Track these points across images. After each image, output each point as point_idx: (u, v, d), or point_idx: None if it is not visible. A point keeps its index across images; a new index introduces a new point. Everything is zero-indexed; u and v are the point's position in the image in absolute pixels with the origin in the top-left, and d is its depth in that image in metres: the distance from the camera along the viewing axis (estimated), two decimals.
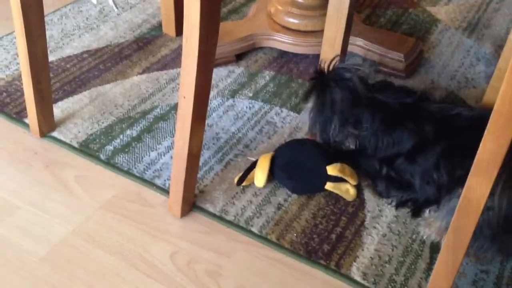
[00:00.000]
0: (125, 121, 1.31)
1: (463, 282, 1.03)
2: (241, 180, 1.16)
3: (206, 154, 1.24)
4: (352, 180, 1.15)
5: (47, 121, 1.26)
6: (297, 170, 1.16)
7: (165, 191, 1.15)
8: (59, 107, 1.33)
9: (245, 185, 1.17)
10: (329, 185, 1.15)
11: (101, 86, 1.41)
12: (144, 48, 1.55)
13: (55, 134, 1.26)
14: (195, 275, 1.01)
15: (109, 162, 1.21)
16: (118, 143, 1.25)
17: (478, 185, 0.78)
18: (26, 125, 1.27)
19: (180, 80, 0.96)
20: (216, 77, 1.45)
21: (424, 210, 1.12)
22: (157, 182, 1.17)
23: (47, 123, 1.26)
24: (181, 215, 1.11)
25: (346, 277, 1.02)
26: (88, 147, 1.24)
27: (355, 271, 1.03)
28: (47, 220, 1.09)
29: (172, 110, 1.35)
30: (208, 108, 1.04)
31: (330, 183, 1.15)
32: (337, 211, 1.14)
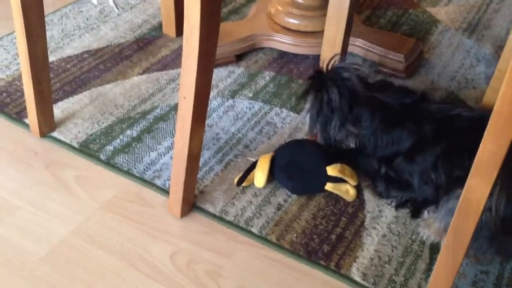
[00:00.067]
0: (125, 122, 1.31)
1: (463, 283, 1.03)
2: (241, 181, 1.16)
3: (206, 155, 1.24)
4: (352, 181, 1.15)
5: (47, 121, 1.26)
6: (297, 171, 1.16)
7: (165, 192, 1.15)
8: (59, 107, 1.33)
9: (245, 186, 1.17)
10: (329, 186, 1.15)
11: (101, 86, 1.41)
12: (145, 49, 1.55)
13: (55, 134, 1.26)
14: (195, 275, 1.01)
15: (109, 162, 1.21)
16: (118, 143, 1.25)
17: (478, 186, 0.78)
18: (26, 125, 1.27)
19: (180, 81, 0.96)
20: (216, 78, 1.45)
21: (423, 211, 1.12)
22: (157, 183, 1.17)
23: (47, 123, 1.26)
24: (181, 216, 1.11)
25: (346, 278, 1.02)
26: (88, 147, 1.24)
27: (355, 272, 1.03)
28: (47, 220, 1.09)
29: (172, 111, 1.35)
30: (208, 109, 1.04)
31: (330, 184, 1.15)
32: (337, 212, 1.14)
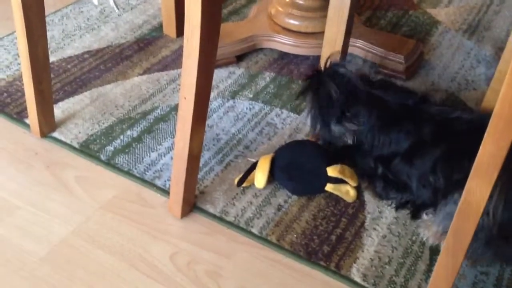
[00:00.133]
0: (126, 122, 1.31)
1: (463, 284, 1.03)
2: (241, 181, 1.16)
3: (207, 155, 1.24)
4: (352, 182, 1.15)
5: (48, 122, 1.26)
6: (297, 172, 1.16)
7: (166, 192, 1.15)
8: (60, 108, 1.33)
9: (245, 186, 1.18)
10: (329, 187, 1.15)
11: (102, 87, 1.41)
12: (145, 49, 1.55)
13: (56, 135, 1.27)
14: (195, 276, 1.01)
15: (110, 163, 1.21)
16: (119, 144, 1.25)
17: (478, 188, 0.78)
18: (27, 126, 1.27)
19: (181, 81, 0.96)
20: (217, 78, 1.46)
21: (422, 213, 1.12)
22: (158, 183, 1.17)
23: (48, 124, 1.26)
24: (181, 216, 1.11)
25: (346, 278, 1.02)
26: (89, 148, 1.24)
27: (355, 273, 1.03)
28: (47, 220, 1.09)
29: (173, 111, 1.35)
30: (209, 109, 1.04)
31: (330, 185, 1.15)
32: (337, 213, 1.14)
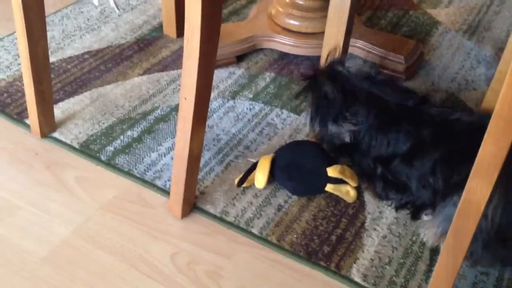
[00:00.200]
0: (126, 122, 1.31)
1: (463, 284, 1.03)
2: (242, 182, 1.16)
3: (207, 155, 1.24)
4: (353, 182, 1.15)
5: (48, 122, 1.26)
6: (298, 172, 1.16)
7: (166, 192, 1.15)
8: (60, 108, 1.33)
9: (246, 187, 1.18)
10: (330, 187, 1.15)
11: (102, 87, 1.41)
12: (145, 49, 1.55)
13: (56, 135, 1.27)
14: (195, 276, 1.01)
15: (110, 163, 1.21)
16: (119, 144, 1.25)
17: (479, 187, 0.78)
18: (27, 126, 1.27)
19: (181, 82, 0.96)
20: (217, 79, 1.46)
21: (422, 214, 1.12)
22: (158, 183, 1.17)
23: (48, 124, 1.26)
24: (182, 216, 1.11)
25: (346, 279, 1.02)
26: (89, 148, 1.24)
27: (355, 273, 1.03)
28: (48, 221, 1.09)
29: (173, 111, 1.35)
30: (209, 110, 1.04)
31: (331, 185, 1.15)
32: (338, 213, 1.14)
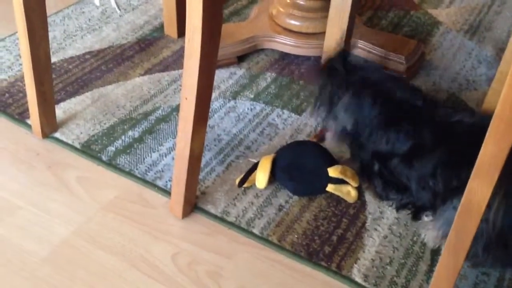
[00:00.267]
0: (127, 122, 1.31)
1: (464, 285, 1.03)
2: (243, 182, 1.16)
3: (208, 156, 1.24)
4: (353, 182, 1.15)
5: (49, 122, 1.26)
6: (298, 172, 1.16)
7: (167, 192, 1.15)
8: (61, 108, 1.33)
9: (247, 187, 1.18)
10: (330, 187, 1.15)
11: (103, 87, 1.41)
12: (146, 50, 1.55)
13: (57, 135, 1.27)
14: (196, 276, 1.01)
15: (111, 163, 1.21)
16: (120, 144, 1.25)
17: (479, 188, 0.78)
18: (29, 126, 1.27)
19: (182, 82, 0.96)
20: (218, 79, 1.46)
21: (422, 215, 1.12)
22: (159, 183, 1.17)
23: (49, 124, 1.26)
24: (183, 216, 1.11)
25: (347, 279, 1.02)
26: (90, 148, 1.24)
27: (356, 273, 1.03)
28: (49, 221, 1.09)
29: (174, 112, 1.35)
30: (210, 110, 1.04)
31: (331, 185, 1.15)
32: (338, 213, 1.14)
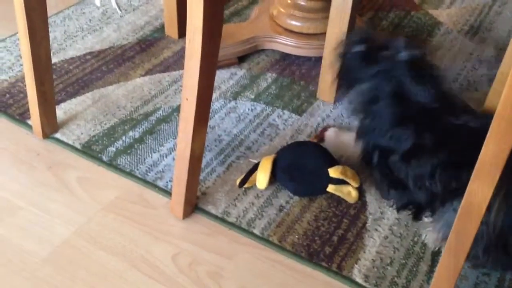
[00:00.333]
0: (128, 123, 1.31)
1: (465, 285, 1.03)
2: (243, 182, 1.16)
3: (208, 156, 1.24)
4: (354, 183, 1.15)
5: (50, 123, 1.26)
6: (299, 172, 1.16)
7: (167, 193, 1.15)
8: (62, 109, 1.33)
9: (247, 187, 1.18)
10: (331, 188, 1.15)
11: (104, 88, 1.41)
12: (147, 50, 1.55)
13: (58, 136, 1.27)
14: (197, 276, 1.01)
15: (112, 164, 1.21)
16: (121, 145, 1.25)
17: (480, 189, 0.78)
18: (29, 127, 1.28)
19: (183, 82, 0.96)
20: (218, 79, 1.46)
21: (423, 216, 1.12)
22: (159, 184, 1.17)
23: (50, 125, 1.26)
24: (183, 217, 1.11)
25: (348, 279, 1.02)
26: (91, 149, 1.24)
27: (357, 273, 1.03)
28: (49, 221, 1.09)
29: (175, 112, 1.35)
30: (210, 110, 1.05)
31: (332, 186, 1.15)
32: (339, 213, 1.14)
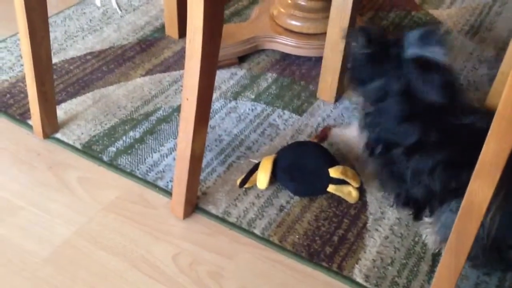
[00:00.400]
0: (128, 123, 1.31)
1: (466, 285, 1.03)
2: (244, 182, 1.16)
3: (209, 156, 1.24)
4: (355, 183, 1.15)
5: (51, 123, 1.26)
6: (299, 172, 1.16)
7: (168, 193, 1.15)
8: (63, 109, 1.33)
9: (248, 187, 1.18)
10: (332, 188, 1.15)
11: (104, 88, 1.41)
12: (147, 50, 1.55)
13: (58, 136, 1.27)
14: (197, 276, 1.01)
15: (112, 164, 1.21)
16: (121, 145, 1.25)
17: (480, 189, 0.78)
18: (30, 127, 1.28)
19: (183, 82, 0.96)
20: (219, 79, 1.46)
21: (423, 216, 1.11)
22: (160, 184, 1.17)
23: (51, 125, 1.26)
24: (184, 217, 1.11)
25: (348, 279, 1.02)
26: (91, 149, 1.24)
27: (357, 273, 1.03)
28: (50, 221, 1.09)
29: (175, 112, 1.35)
30: (211, 110, 1.04)
31: (333, 186, 1.15)
32: (339, 213, 1.14)
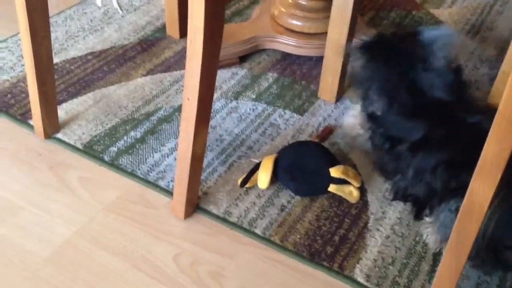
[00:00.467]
0: (129, 123, 1.31)
1: (466, 285, 1.02)
2: (245, 182, 1.16)
3: (210, 156, 1.24)
4: (356, 182, 1.15)
5: (52, 123, 1.26)
6: (300, 172, 1.16)
7: (169, 193, 1.15)
8: (64, 109, 1.33)
9: (249, 187, 1.18)
10: (333, 187, 1.15)
11: (105, 88, 1.41)
12: (148, 50, 1.55)
13: (59, 136, 1.27)
14: (198, 276, 1.01)
15: (113, 164, 1.21)
16: (122, 145, 1.25)
17: (481, 188, 0.78)
18: (31, 127, 1.28)
19: (184, 82, 0.96)
20: (220, 79, 1.46)
21: (423, 215, 1.11)
22: (161, 184, 1.17)
23: (52, 125, 1.26)
24: (185, 217, 1.11)
25: (349, 279, 1.02)
26: (92, 149, 1.24)
27: (358, 273, 1.03)
28: (50, 221, 1.09)
29: (176, 112, 1.35)
30: (212, 110, 1.04)
31: (334, 185, 1.15)
32: (340, 213, 1.14)
